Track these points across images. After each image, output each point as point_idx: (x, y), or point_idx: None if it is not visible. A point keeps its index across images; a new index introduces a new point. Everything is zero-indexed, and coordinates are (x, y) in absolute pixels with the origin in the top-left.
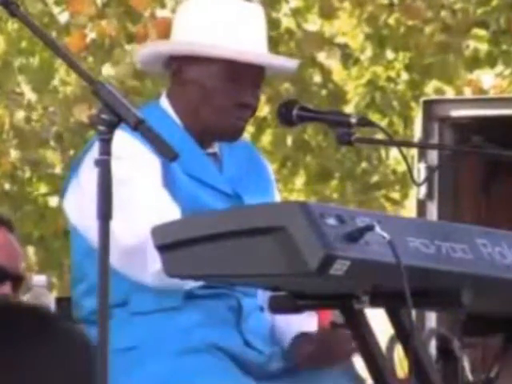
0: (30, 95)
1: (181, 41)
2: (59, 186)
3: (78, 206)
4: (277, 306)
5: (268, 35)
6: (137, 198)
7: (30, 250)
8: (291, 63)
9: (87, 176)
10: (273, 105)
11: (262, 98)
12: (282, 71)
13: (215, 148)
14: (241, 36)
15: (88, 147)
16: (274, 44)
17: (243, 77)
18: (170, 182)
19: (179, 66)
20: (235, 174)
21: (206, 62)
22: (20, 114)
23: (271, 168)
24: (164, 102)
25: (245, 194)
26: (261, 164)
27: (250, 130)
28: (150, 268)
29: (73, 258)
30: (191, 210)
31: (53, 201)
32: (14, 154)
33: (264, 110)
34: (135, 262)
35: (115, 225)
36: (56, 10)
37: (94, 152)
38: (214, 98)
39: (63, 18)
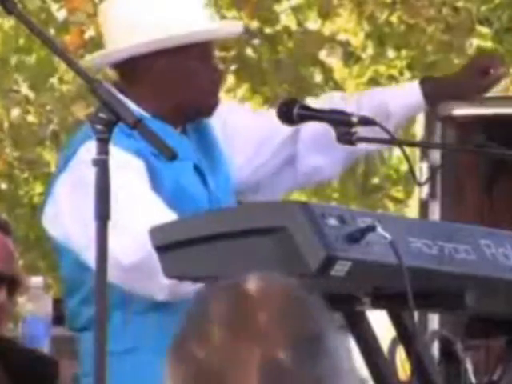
0: (27, 93)
1: (145, 40)
2: None
3: (55, 217)
4: None
5: (266, 33)
6: (132, 209)
7: (27, 251)
8: (239, 27)
9: (63, 189)
10: (269, 106)
11: (259, 99)
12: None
13: (180, 128)
14: (195, 16)
15: (63, 165)
16: (272, 43)
17: (207, 54)
18: (154, 176)
19: (143, 64)
20: (199, 152)
21: (176, 52)
22: (17, 113)
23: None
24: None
25: (207, 172)
26: (211, 135)
27: None
28: (163, 281)
29: (62, 272)
30: (175, 197)
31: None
32: (10, 152)
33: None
34: (141, 278)
35: (112, 242)
36: (54, 6)
37: (71, 171)
38: (192, 82)
39: (61, 15)
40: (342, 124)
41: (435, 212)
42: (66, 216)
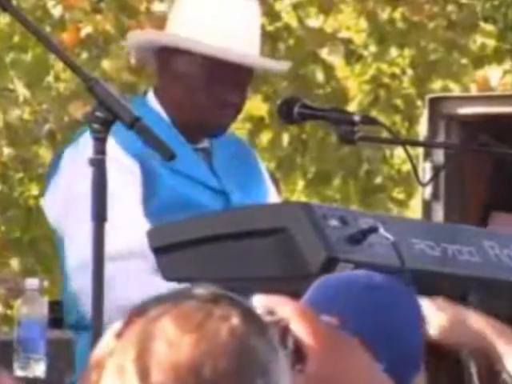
0: (23, 92)
1: (169, 33)
2: None
3: (56, 205)
4: None
5: (267, 30)
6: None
7: (21, 254)
8: (278, 65)
9: (65, 175)
10: (270, 104)
11: (259, 97)
12: (273, 71)
13: (205, 143)
14: (228, 34)
15: (69, 145)
16: (272, 40)
17: (226, 75)
18: (152, 182)
19: (166, 58)
20: (225, 170)
21: (190, 57)
22: (13, 112)
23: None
24: (151, 98)
25: (233, 190)
26: (251, 159)
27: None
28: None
29: (62, 262)
30: (180, 206)
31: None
32: (5, 152)
33: (262, 109)
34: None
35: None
36: (50, 3)
37: (80, 149)
38: (196, 95)
39: (57, 11)
40: (344, 123)
41: (438, 213)
42: (65, 209)
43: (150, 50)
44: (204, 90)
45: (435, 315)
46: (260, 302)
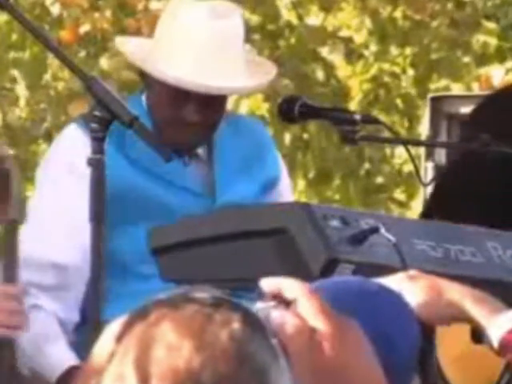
0: (22, 91)
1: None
2: None
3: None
4: None
5: (268, 29)
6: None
7: None
8: (245, 89)
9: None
10: (271, 103)
11: (259, 96)
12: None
13: (198, 149)
14: (200, 60)
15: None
16: (273, 39)
17: (190, 98)
18: (120, 187)
19: (147, 76)
20: (219, 171)
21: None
22: (11, 111)
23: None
24: (144, 99)
25: (222, 193)
26: (257, 149)
27: None
28: None
29: None
30: (152, 209)
31: None
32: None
33: (262, 108)
34: None
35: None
36: (48, 1)
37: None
38: (160, 109)
39: (55, 9)
40: (345, 122)
41: None
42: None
43: None
44: (167, 107)
45: (410, 289)
46: (268, 286)
